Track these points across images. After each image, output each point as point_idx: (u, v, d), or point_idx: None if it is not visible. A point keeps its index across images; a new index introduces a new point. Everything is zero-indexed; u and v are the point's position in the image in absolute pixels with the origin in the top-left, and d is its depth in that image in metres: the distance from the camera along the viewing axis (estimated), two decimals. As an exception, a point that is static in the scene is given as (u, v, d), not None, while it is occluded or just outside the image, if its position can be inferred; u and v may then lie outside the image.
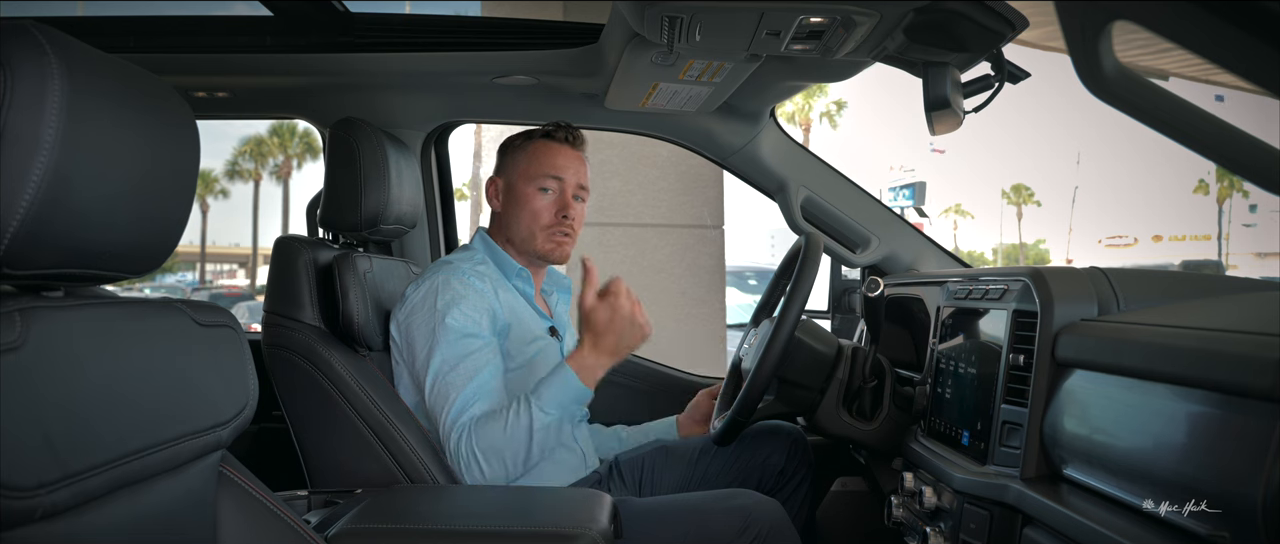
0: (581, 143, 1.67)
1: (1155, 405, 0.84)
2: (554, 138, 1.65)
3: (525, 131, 1.69)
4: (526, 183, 1.62)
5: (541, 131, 1.66)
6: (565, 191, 1.62)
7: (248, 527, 0.88)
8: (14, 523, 0.59)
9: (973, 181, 79.59)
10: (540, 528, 1.18)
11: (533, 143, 1.65)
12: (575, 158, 1.64)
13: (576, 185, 1.64)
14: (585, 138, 1.68)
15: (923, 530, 1.24)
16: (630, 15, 1.27)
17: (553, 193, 1.62)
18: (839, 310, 2.06)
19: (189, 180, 0.77)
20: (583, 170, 1.65)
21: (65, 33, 0.64)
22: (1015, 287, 1.15)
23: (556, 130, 1.65)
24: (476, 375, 1.45)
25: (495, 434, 1.40)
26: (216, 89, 1.90)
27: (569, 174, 1.62)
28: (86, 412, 0.65)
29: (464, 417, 1.43)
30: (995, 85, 1.41)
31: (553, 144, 1.64)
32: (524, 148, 1.65)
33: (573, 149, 1.65)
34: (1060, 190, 61.40)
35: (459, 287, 1.50)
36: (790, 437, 1.70)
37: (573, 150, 1.65)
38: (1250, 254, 43.00)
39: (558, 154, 1.63)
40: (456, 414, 1.43)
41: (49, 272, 0.66)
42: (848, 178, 1.97)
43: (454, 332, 1.46)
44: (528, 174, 1.62)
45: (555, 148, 1.63)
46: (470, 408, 1.43)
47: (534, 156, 1.63)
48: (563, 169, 1.62)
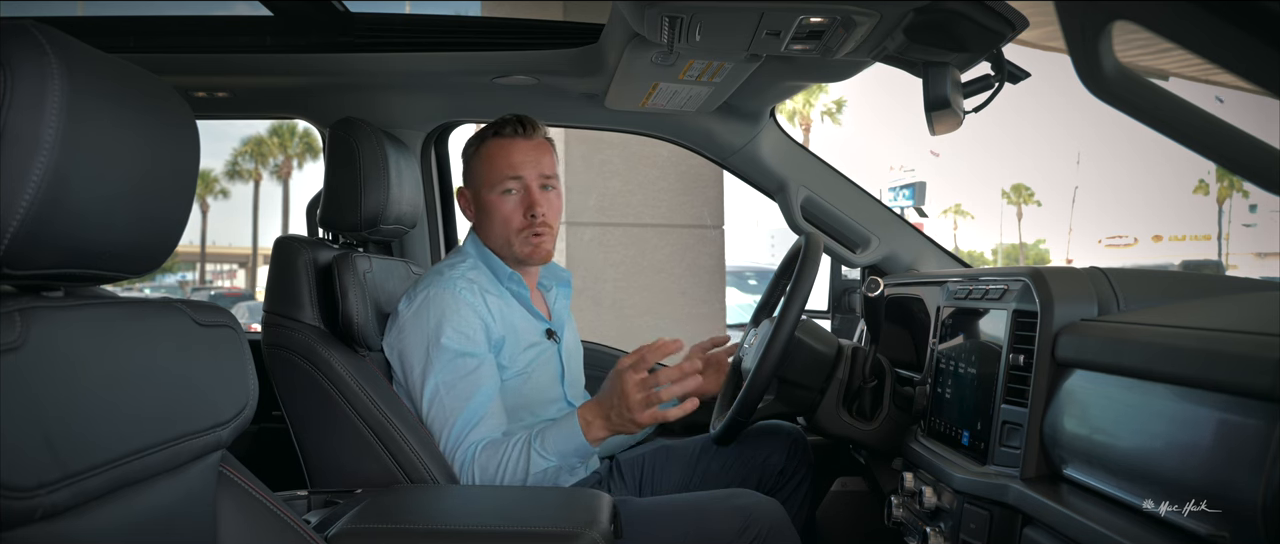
0: (535, 130, 1.59)
1: (1155, 405, 0.84)
2: (504, 134, 1.57)
3: (476, 134, 1.62)
4: (489, 190, 1.57)
5: (491, 130, 1.60)
6: (529, 188, 1.56)
7: (248, 527, 0.88)
8: (14, 523, 0.59)
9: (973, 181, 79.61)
10: (540, 528, 1.18)
11: (486, 145, 1.59)
12: (532, 149, 1.57)
13: (539, 177, 1.57)
14: (539, 124, 1.61)
15: (923, 530, 1.24)
16: (630, 15, 1.27)
17: (516, 193, 1.56)
18: (839, 310, 2.06)
19: (189, 180, 0.77)
20: (544, 159, 1.58)
21: (65, 33, 0.64)
22: (1015, 287, 1.15)
23: (505, 125, 1.58)
24: (475, 395, 1.44)
25: (492, 468, 1.41)
26: (216, 89, 1.90)
27: (528, 169, 1.56)
28: (86, 412, 0.65)
29: (465, 441, 1.43)
30: (995, 85, 1.41)
31: (505, 141, 1.57)
32: (479, 153, 1.59)
33: (527, 140, 1.57)
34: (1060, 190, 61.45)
35: (450, 302, 1.48)
36: (790, 437, 1.70)
37: (527, 141, 1.57)
38: (1250, 254, 42.97)
39: (512, 151, 1.56)
40: (457, 437, 1.43)
41: (49, 272, 0.66)
42: (848, 178, 1.97)
43: (448, 351, 1.45)
44: (488, 180, 1.57)
45: (509, 144, 1.56)
46: (470, 431, 1.43)
47: (489, 160, 1.57)
48: (520, 166, 1.55)
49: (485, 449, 1.42)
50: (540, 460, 1.39)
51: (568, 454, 1.41)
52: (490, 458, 1.41)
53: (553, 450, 1.40)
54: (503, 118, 1.60)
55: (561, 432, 1.41)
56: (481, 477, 1.41)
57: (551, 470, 1.41)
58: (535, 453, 1.40)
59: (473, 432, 1.43)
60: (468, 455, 1.42)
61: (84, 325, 0.68)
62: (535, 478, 1.40)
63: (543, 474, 1.40)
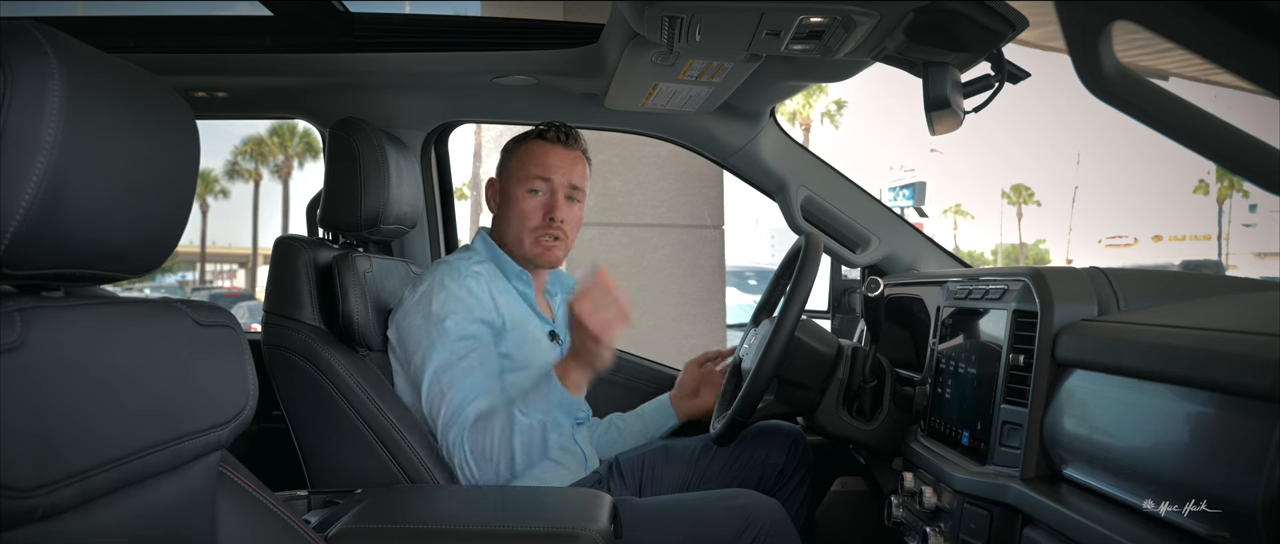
0: (575, 142, 1.64)
1: (1155, 405, 0.84)
2: (546, 137, 1.62)
3: (523, 132, 1.67)
4: (517, 184, 1.61)
5: (535, 131, 1.64)
6: (555, 192, 1.60)
7: (248, 527, 0.88)
8: (14, 523, 0.59)
9: (973, 181, 79.63)
10: (540, 528, 1.18)
11: (526, 143, 1.64)
12: (567, 157, 1.62)
13: (568, 185, 1.61)
14: (581, 137, 1.66)
15: (923, 530, 1.24)
16: (630, 15, 1.27)
17: (542, 194, 1.60)
18: (839, 310, 2.06)
19: (189, 180, 0.77)
20: (577, 170, 1.62)
21: (65, 33, 0.64)
22: (1015, 287, 1.15)
23: (548, 129, 1.63)
24: (471, 375, 1.45)
25: (481, 439, 1.41)
26: (216, 89, 1.90)
27: (559, 174, 1.60)
28: (86, 412, 0.65)
29: (459, 419, 1.43)
30: (995, 85, 1.41)
31: (544, 144, 1.62)
32: (517, 149, 1.64)
33: (566, 148, 1.62)
34: (1060, 190, 61.51)
35: (455, 287, 1.49)
36: (790, 436, 1.70)
37: (565, 149, 1.62)
38: (1250, 254, 42.96)
39: (548, 153, 1.61)
40: (452, 416, 1.43)
41: (49, 271, 0.66)
42: (848, 178, 1.97)
43: (450, 334, 1.46)
44: (519, 175, 1.61)
45: (546, 147, 1.61)
46: (465, 409, 1.43)
47: (525, 157, 1.62)
48: (552, 169, 1.60)
49: (476, 423, 1.42)
50: (521, 418, 1.40)
51: (549, 407, 1.42)
52: (479, 430, 1.42)
53: (533, 406, 1.41)
54: (550, 121, 1.64)
55: (539, 387, 1.43)
56: (473, 449, 1.41)
57: (536, 428, 1.41)
58: (517, 413, 1.41)
59: (468, 408, 1.43)
60: (462, 431, 1.42)
61: (84, 325, 0.68)
62: (521, 437, 1.40)
63: (528, 432, 1.40)
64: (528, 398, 1.42)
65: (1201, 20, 0.58)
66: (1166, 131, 0.65)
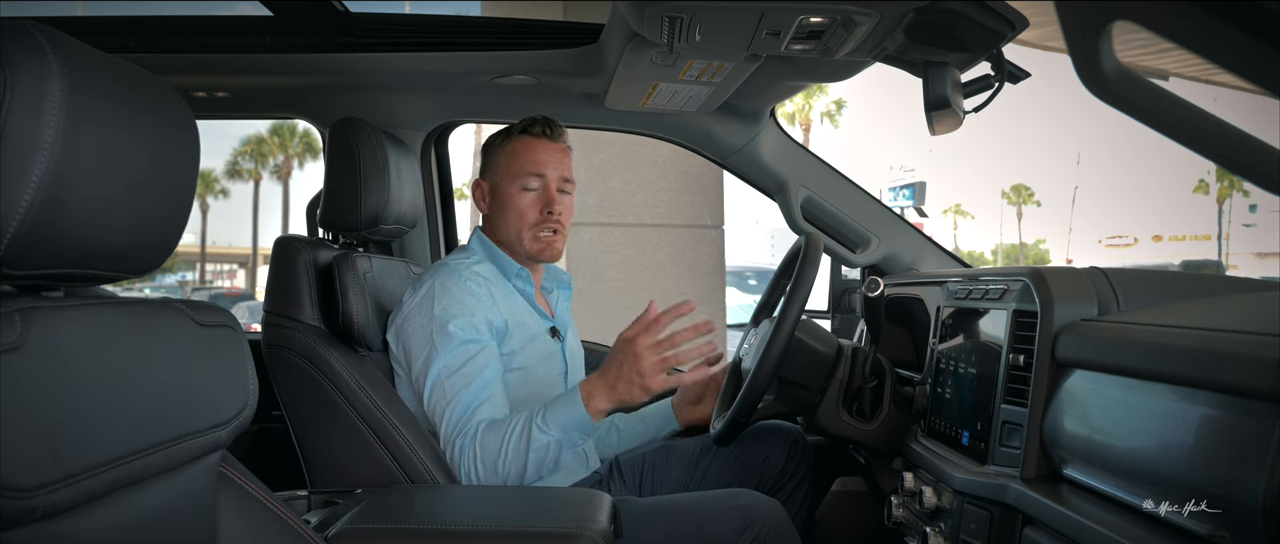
0: (561, 135, 1.66)
1: (1155, 405, 0.84)
2: (532, 133, 1.63)
3: (503, 130, 1.67)
4: (510, 183, 1.61)
5: (520, 128, 1.65)
6: (549, 187, 1.61)
7: (247, 527, 0.88)
8: (14, 523, 0.59)
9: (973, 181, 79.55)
10: (540, 528, 1.18)
11: (512, 141, 1.64)
12: (556, 151, 1.63)
13: (560, 179, 1.62)
14: (565, 130, 1.67)
15: (923, 530, 1.24)
16: (630, 15, 1.27)
17: (536, 190, 1.61)
18: (839, 310, 2.06)
19: (189, 180, 0.77)
20: (566, 163, 1.64)
21: (65, 33, 0.64)
22: (1015, 287, 1.15)
23: (534, 125, 1.64)
24: (476, 379, 1.44)
25: (494, 447, 1.40)
26: (216, 89, 1.90)
27: (551, 169, 1.61)
28: (86, 412, 0.65)
29: (467, 424, 1.42)
30: (995, 85, 1.41)
31: (532, 139, 1.62)
32: (504, 147, 1.64)
33: (553, 142, 1.63)
34: (1060, 190, 61.43)
35: (456, 290, 1.49)
36: (790, 436, 1.70)
37: (553, 144, 1.63)
38: (1250, 254, 42.96)
39: (538, 149, 1.62)
40: (459, 421, 1.43)
41: (49, 272, 0.66)
42: (848, 178, 1.97)
43: (453, 338, 1.45)
44: (510, 173, 1.61)
45: (535, 143, 1.62)
46: (472, 415, 1.42)
47: (514, 155, 1.62)
48: (544, 165, 1.61)
49: (487, 429, 1.41)
50: (540, 435, 1.38)
51: (569, 427, 1.39)
52: (492, 437, 1.40)
53: (554, 424, 1.39)
54: (531, 117, 1.65)
55: (562, 405, 1.40)
56: (484, 456, 1.40)
57: (552, 445, 1.39)
58: (536, 428, 1.39)
59: (475, 414, 1.42)
60: (470, 436, 1.41)
61: (84, 325, 0.68)
62: (536, 454, 1.38)
63: (544, 449, 1.38)
64: (548, 412, 1.40)
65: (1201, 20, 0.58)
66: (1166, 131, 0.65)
